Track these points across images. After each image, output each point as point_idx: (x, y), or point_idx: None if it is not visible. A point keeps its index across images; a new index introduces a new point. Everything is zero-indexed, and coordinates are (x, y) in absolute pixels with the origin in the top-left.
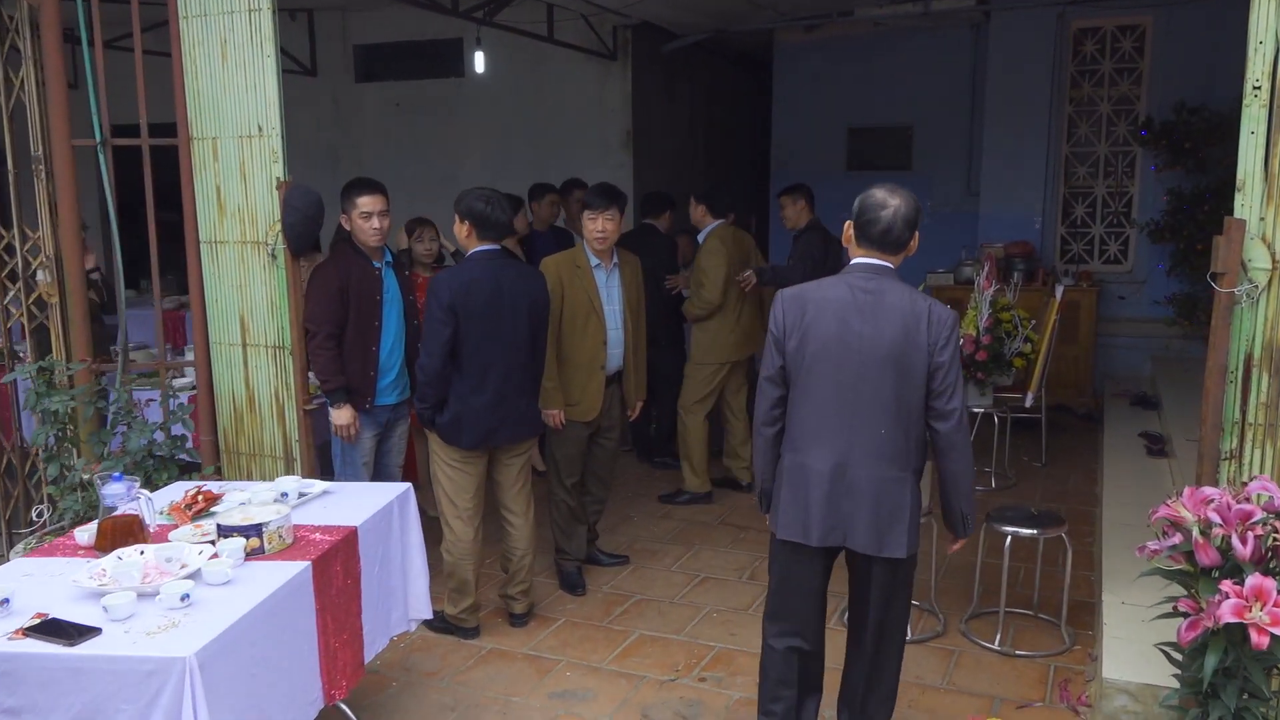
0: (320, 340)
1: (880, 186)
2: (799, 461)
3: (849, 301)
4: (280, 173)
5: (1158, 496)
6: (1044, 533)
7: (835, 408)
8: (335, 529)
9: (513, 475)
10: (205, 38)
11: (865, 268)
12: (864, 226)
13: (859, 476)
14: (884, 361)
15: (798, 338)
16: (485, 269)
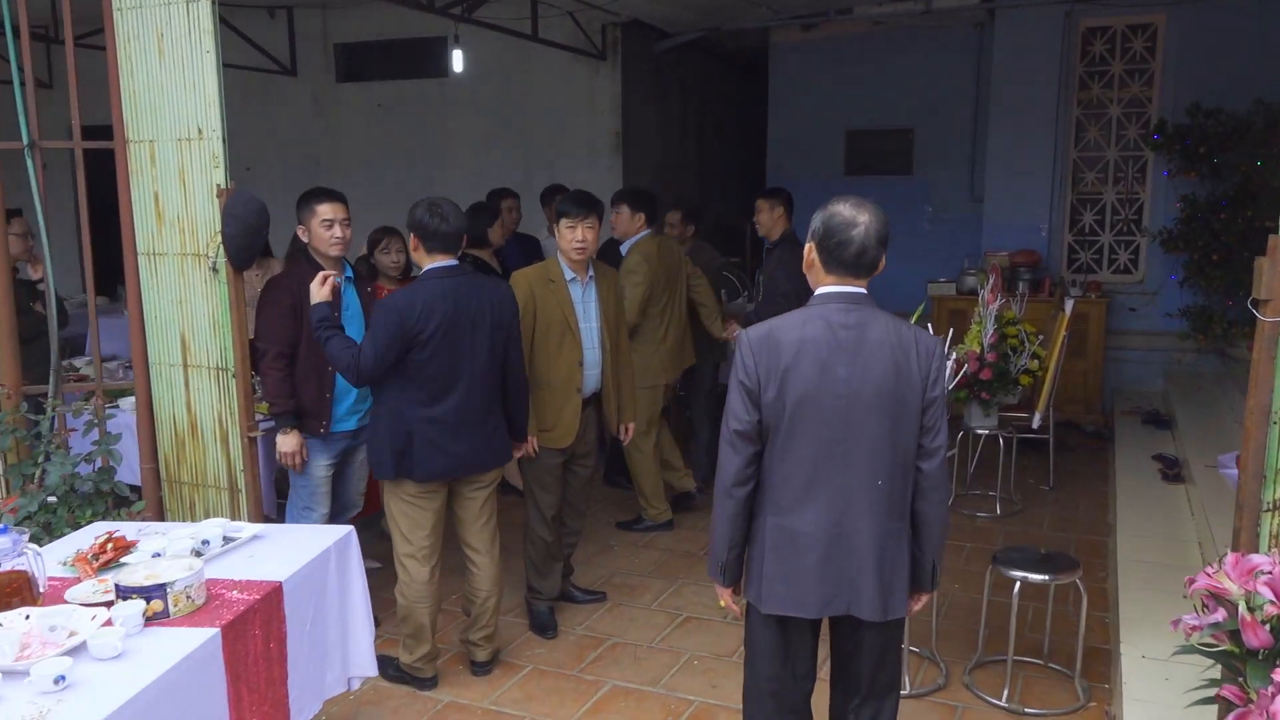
0: (270, 360)
1: (842, 201)
2: (784, 525)
3: (828, 340)
4: (221, 179)
5: (1175, 527)
6: (1056, 578)
7: (825, 462)
8: (257, 585)
9: (475, 509)
10: (141, 31)
11: (840, 298)
12: (833, 250)
13: (859, 536)
14: (875, 405)
15: (775, 387)
16: (438, 288)
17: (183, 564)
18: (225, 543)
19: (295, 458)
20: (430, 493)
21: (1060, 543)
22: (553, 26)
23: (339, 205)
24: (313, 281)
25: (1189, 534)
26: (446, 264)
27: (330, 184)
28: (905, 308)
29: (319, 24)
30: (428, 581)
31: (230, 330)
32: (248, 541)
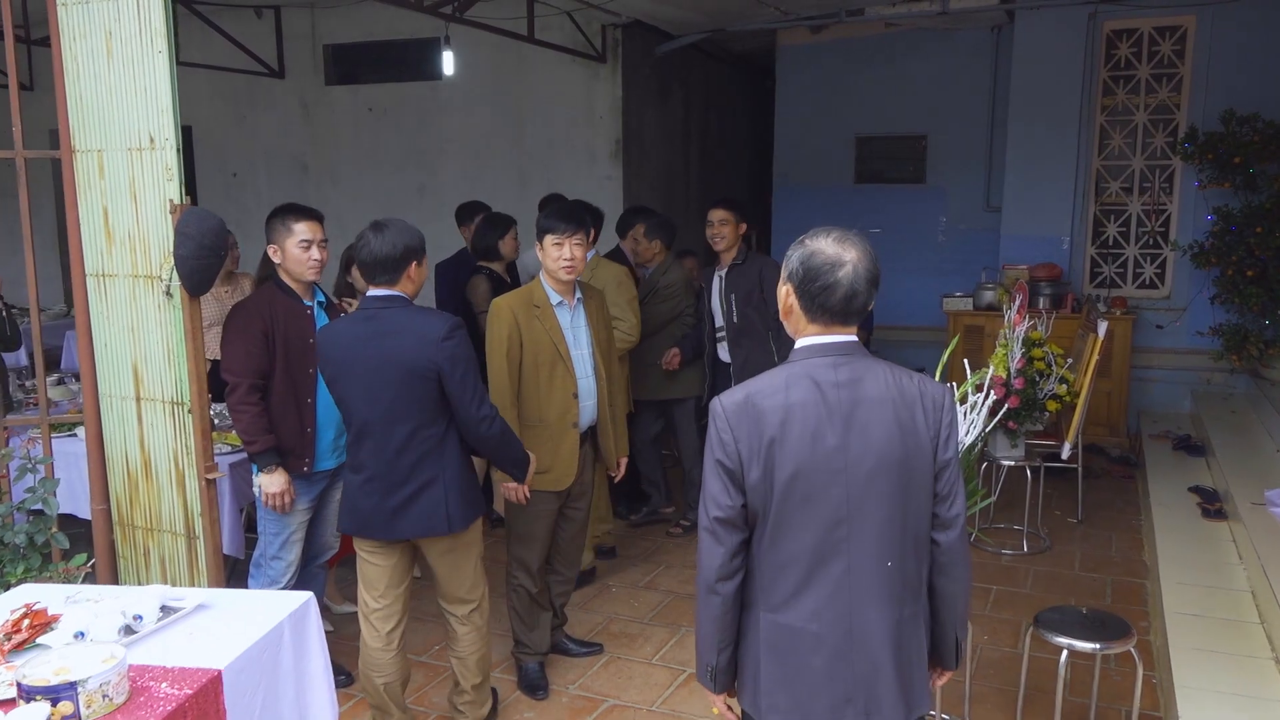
0: (242, 394)
1: (823, 236)
2: (781, 622)
3: (818, 404)
4: (175, 193)
5: (1222, 573)
6: (1108, 646)
7: (824, 548)
8: (191, 675)
9: (446, 568)
10: (88, 29)
11: (827, 350)
12: (816, 295)
13: (871, 628)
14: (880, 476)
15: (760, 466)
16: (351, 320)
17: (102, 652)
18: (164, 614)
19: (283, 498)
20: (382, 548)
21: (1095, 586)
22: (550, 27)
23: (317, 224)
24: None
25: (1239, 581)
26: (378, 294)
27: (318, 191)
28: (918, 323)
29: (308, 24)
30: (383, 648)
31: (185, 361)
32: (190, 613)
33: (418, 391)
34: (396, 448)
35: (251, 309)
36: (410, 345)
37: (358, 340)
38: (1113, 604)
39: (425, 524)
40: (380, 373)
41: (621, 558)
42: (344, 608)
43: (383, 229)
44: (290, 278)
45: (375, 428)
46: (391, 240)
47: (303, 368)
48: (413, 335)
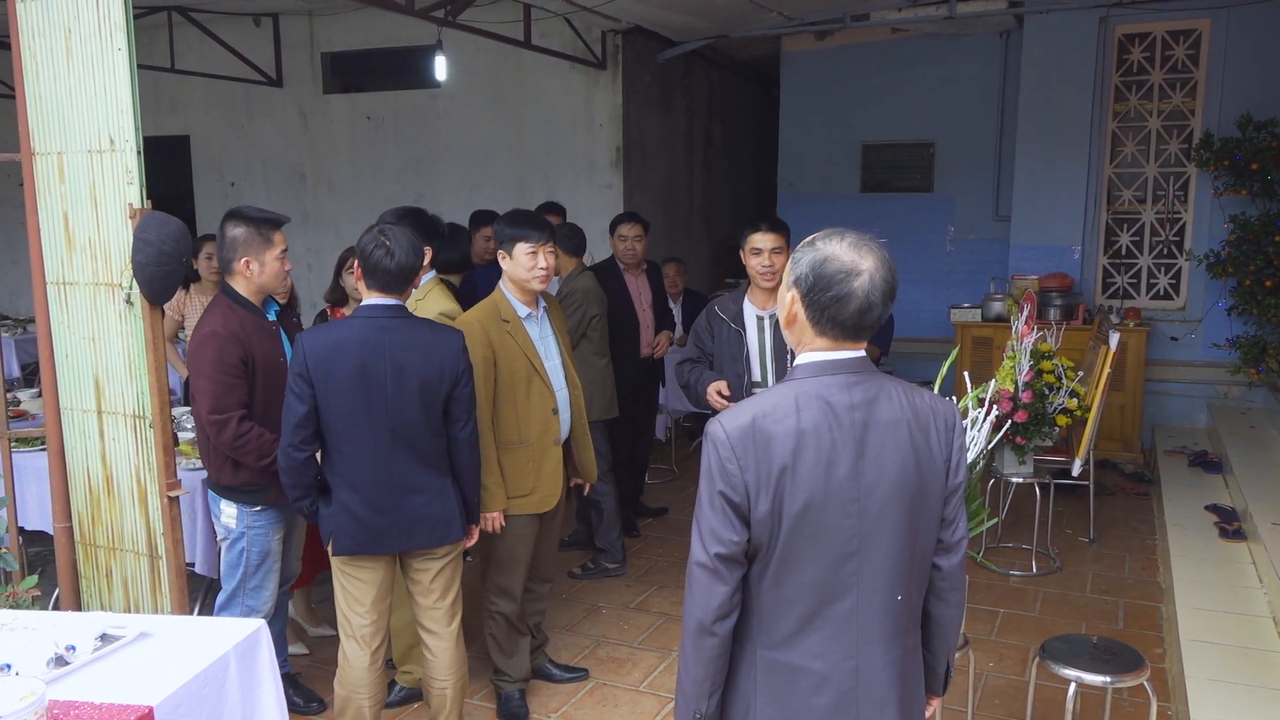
0: (235, 428)
1: (836, 239)
2: (781, 661)
3: (832, 428)
4: (135, 197)
5: (1241, 598)
6: (1118, 679)
7: (832, 584)
8: (119, 711)
9: (425, 584)
10: (47, 27)
11: (838, 367)
12: (827, 306)
13: (877, 666)
14: (893, 505)
15: (769, 498)
16: (357, 329)
17: (20, 689)
18: (102, 644)
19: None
20: (370, 564)
21: (1107, 609)
22: (549, 33)
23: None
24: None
25: (1258, 606)
26: (380, 302)
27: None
28: (926, 334)
29: (306, 33)
30: (368, 667)
31: (147, 373)
32: (130, 642)
33: (434, 401)
34: (410, 464)
35: (224, 334)
36: (435, 355)
37: (376, 349)
38: (1126, 628)
39: (442, 532)
40: (399, 383)
41: (614, 577)
42: (320, 630)
43: (398, 237)
44: (254, 291)
45: (384, 444)
46: (410, 249)
47: (277, 390)
48: (435, 346)
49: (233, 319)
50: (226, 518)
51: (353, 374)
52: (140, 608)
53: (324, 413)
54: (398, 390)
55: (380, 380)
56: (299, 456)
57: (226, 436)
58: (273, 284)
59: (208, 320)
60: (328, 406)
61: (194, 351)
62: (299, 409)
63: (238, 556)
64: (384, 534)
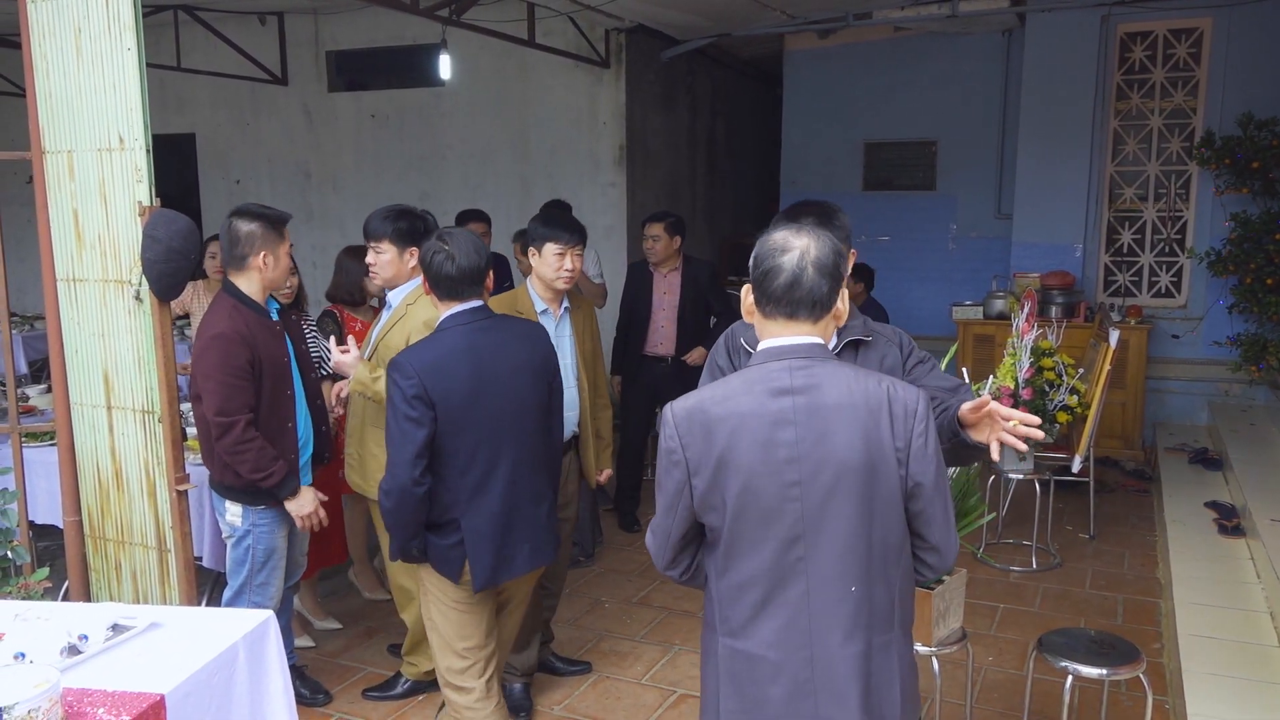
0: (240, 432)
1: (782, 227)
2: (739, 649)
3: (769, 412)
4: (144, 195)
5: (1239, 593)
6: (1114, 672)
7: (780, 570)
8: (131, 699)
9: (515, 600)
10: (57, 26)
11: (784, 353)
12: (759, 282)
13: (835, 659)
14: (838, 491)
15: (709, 477)
16: (457, 338)
17: (35, 676)
18: (113, 634)
19: (317, 515)
20: (485, 592)
21: (1106, 605)
22: (552, 32)
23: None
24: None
25: (1256, 601)
26: (467, 308)
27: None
28: (927, 332)
29: (311, 31)
30: (484, 699)
31: (156, 368)
32: (141, 632)
33: (543, 393)
34: (531, 470)
35: (231, 335)
36: (537, 347)
37: (482, 354)
38: (1125, 624)
39: (554, 544)
40: (513, 382)
41: (617, 572)
42: (326, 623)
43: (457, 240)
44: (264, 288)
45: (510, 453)
46: (471, 249)
47: (282, 390)
48: (533, 336)
49: (238, 319)
50: (231, 516)
51: (469, 384)
52: (149, 600)
53: (444, 435)
54: (513, 390)
55: (496, 384)
56: (419, 493)
57: (229, 440)
58: (281, 280)
59: (213, 321)
60: (449, 427)
61: (200, 353)
62: (418, 435)
63: (243, 554)
64: (516, 553)
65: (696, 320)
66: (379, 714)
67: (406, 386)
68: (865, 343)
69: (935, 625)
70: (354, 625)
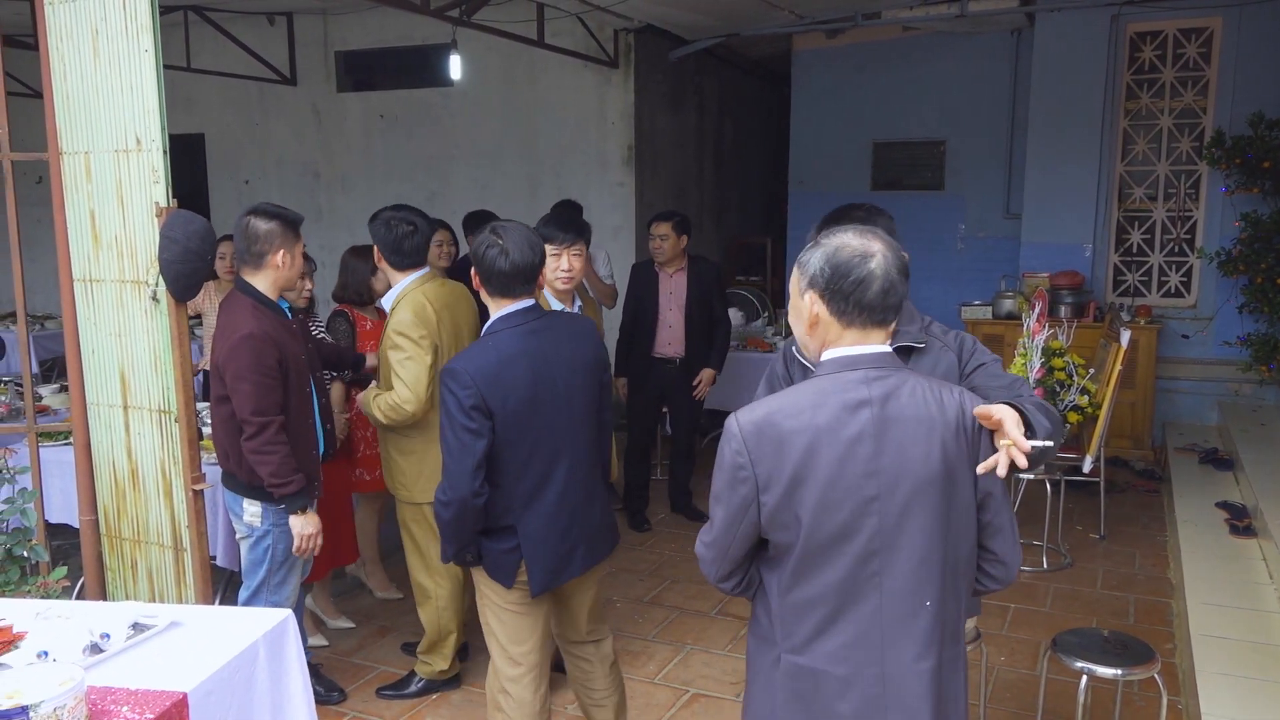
0: (273, 433)
1: (841, 231)
2: (803, 666)
3: (848, 425)
4: (161, 196)
5: (1251, 593)
6: (1129, 672)
7: (853, 585)
8: (154, 698)
9: (587, 602)
10: (75, 28)
11: (859, 362)
12: (850, 293)
13: (906, 674)
14: (916, 504)
15: (780, 494)
16: (512, 340)
17: (60, 674)
18: (134, 632)
19: (317, 538)
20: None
21: (1118, 605)
22: (561, 32)
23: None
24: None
25: (1269, 601)
26: (519, 307)
27: (329, 198)
28: None
29: (320, 31)
30: (532, 697)
31: (172, 368)
32: (162, 631)
33: (596, 389)
34: (587, 469)
35: (260, 335)
36: (589, 342)
37: (539, 355)
38: (1136, 624)
39: (611, 541)
40: (570, 380)
41: (628, 572)
42: (339, 622)
43: (511, 234)
44: (279, 286)
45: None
46: (525, 245)
47: (303, 389)
48: (585, 332)
49: (264, 319)
50: (250, 516)
51: (527, 390)
52: (165, 599)
53: (501, 442)
54: (569, 392)
55: (553, 388)
56: (478, 504)
57: (261, 440)
58: (294, 280)
59: (239, 321)
60: (507, 434)
61: (231, 353)
62: (478, 446)
63: (262, 554)
64: (573, 554)
65: (704, 321)
66: (393, 713)
67: (464, 396)
68: (917, 349)
69: None
70: (367, 624)
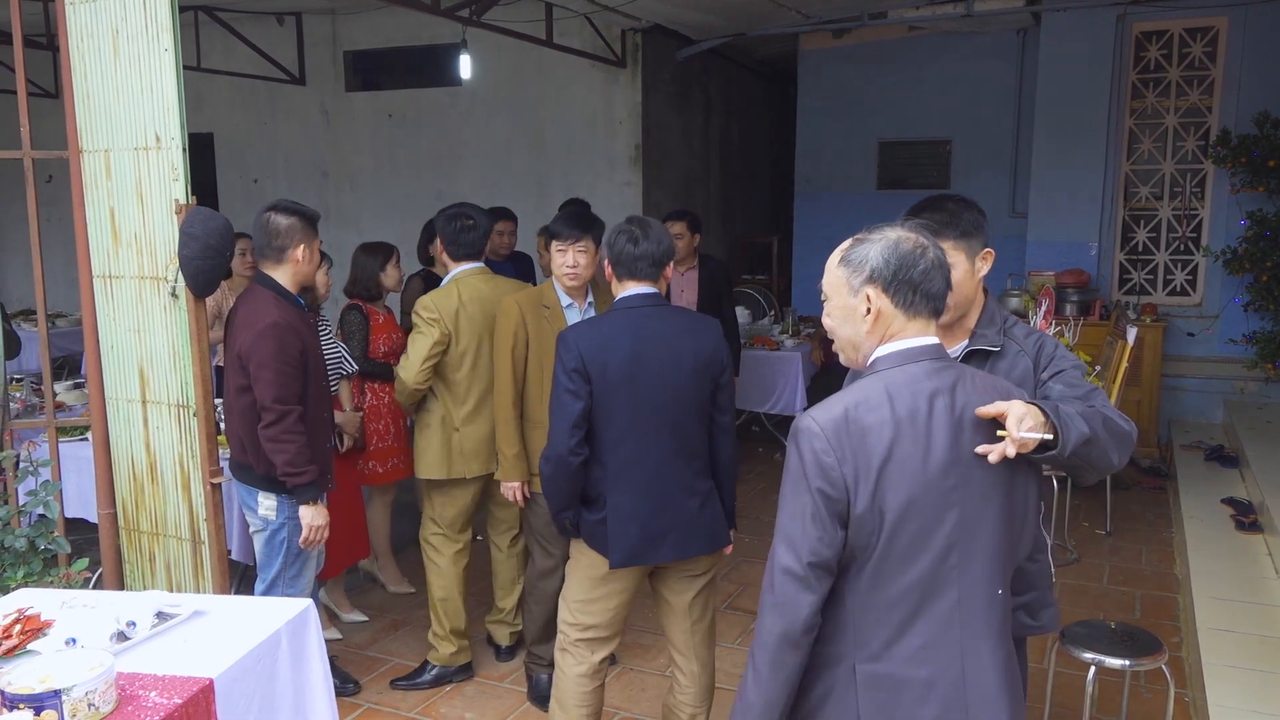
0: (295, 422)
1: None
2: (884, 674)
3: (925, 414)
4: (180, 193)
5: (1256, 587)
6: (1137, 663)
7: (934, 580)
8: (181, 683)
9: (686, 603)
10: (95, 28)
11: (922, 353)
12: (919, 284)
13: (985, 669)
14: (992, 491)
15: (869, 493)
16: (623, 319)
17: (90, 660)
18: (159, 621)
19: (325, 531)
20: (620, 575)
21: (1124, 600)
22: (569, 32)
23: None
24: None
25: (1275, 595)
26: (640, 292)
27: (337, 196)
28: None
29: (328, 31)
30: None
31: (191, 363)
32: (186, 620)
33: (705, 387)
34: (685, 461)
35: (284, 325)
36: (704, 340)
37: (646, 339)
38: (1143, 619)
39: (716, 537)
40: (674, 370)
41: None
42: (352, 616)
43: (645, 225)
44: (299, 281)
45: (661, 440)
46: (657, 237)
47: (319, 381)
48: (703, 330)
49: (286, 311)
50: (265, 510)
51: (627, 364)
52: (182, 591)
53: (597, 411)
54: (673, 378)
55: (655, 369)
56: (574, 462)
57: (279, 428)
58: (311, 275)
59: (263, 311)
60: (603, 403)
61: (255, 341)
62: (575, 407)
63: (278, 547)
64: (662, 539)
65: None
66: (408, 704)
67: (568, 360)
68: (993, 353)
69: None
70: (380, 618)
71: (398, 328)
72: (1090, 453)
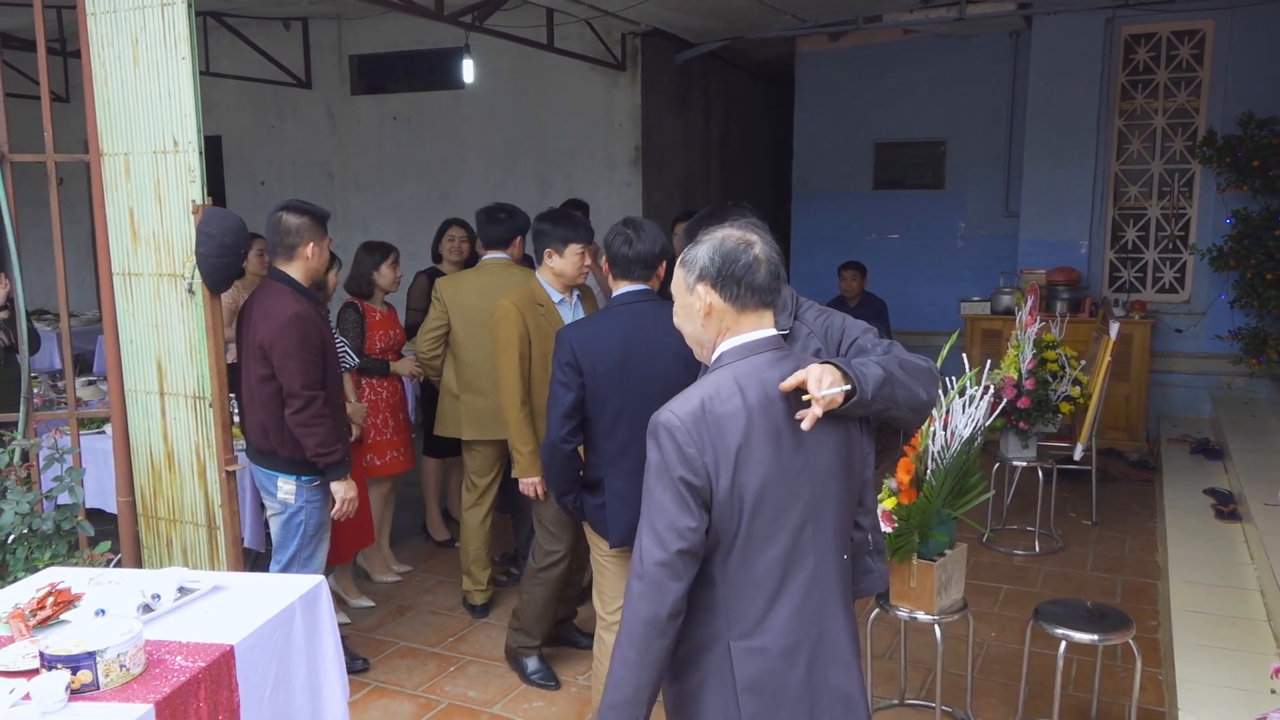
0: (320, 407)
1: (716, 226)
2: (757, 648)
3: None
4: (197, 194)
5: (1232, 572)
6: (1106, 638)
7: (794, 554)
8: (204, 649)
9: None
10: (115, 37)
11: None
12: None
13: (837, 626)
14: (835, 466)
15: (729, 477)
16: (613, 315)
17: (120, 626)
18: (181, 595)
19: (355, 503)
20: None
21: (1106, 585)
22: (570, 36)
23: None
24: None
25: (1248, 579)
26: (633, 289)
27: (343, 198)
28: (936, 328)
29: (334, 35)
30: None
31: (207, 357)
32: (206, 594)
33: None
34: None
35: (305, 316)
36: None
37: (635, 332)
38: (1123, 603)
39: None
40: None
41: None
42: (360, 601)
43: (639, 226)
44: (310, 276)
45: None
46: (651, 237)
47: (334, 369)
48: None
49: (304, 304)
50: (284, 494)
51: (619, 356)
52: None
53: (591, 401)
54: (662, 367)
55: (645, 360)
56: (566, 449)
57: (308, 413)
58: (321, 271)
59: (284, 303)
60: (595, 393)
61: (280, 331)
62: (566, 397)
63: (294, 530)
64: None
65: None
66: (414, 681)
67: (561, 355)
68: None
69: (938, 595)
70: (386, 604)
71: (398, 324)
72: (894, 392)
